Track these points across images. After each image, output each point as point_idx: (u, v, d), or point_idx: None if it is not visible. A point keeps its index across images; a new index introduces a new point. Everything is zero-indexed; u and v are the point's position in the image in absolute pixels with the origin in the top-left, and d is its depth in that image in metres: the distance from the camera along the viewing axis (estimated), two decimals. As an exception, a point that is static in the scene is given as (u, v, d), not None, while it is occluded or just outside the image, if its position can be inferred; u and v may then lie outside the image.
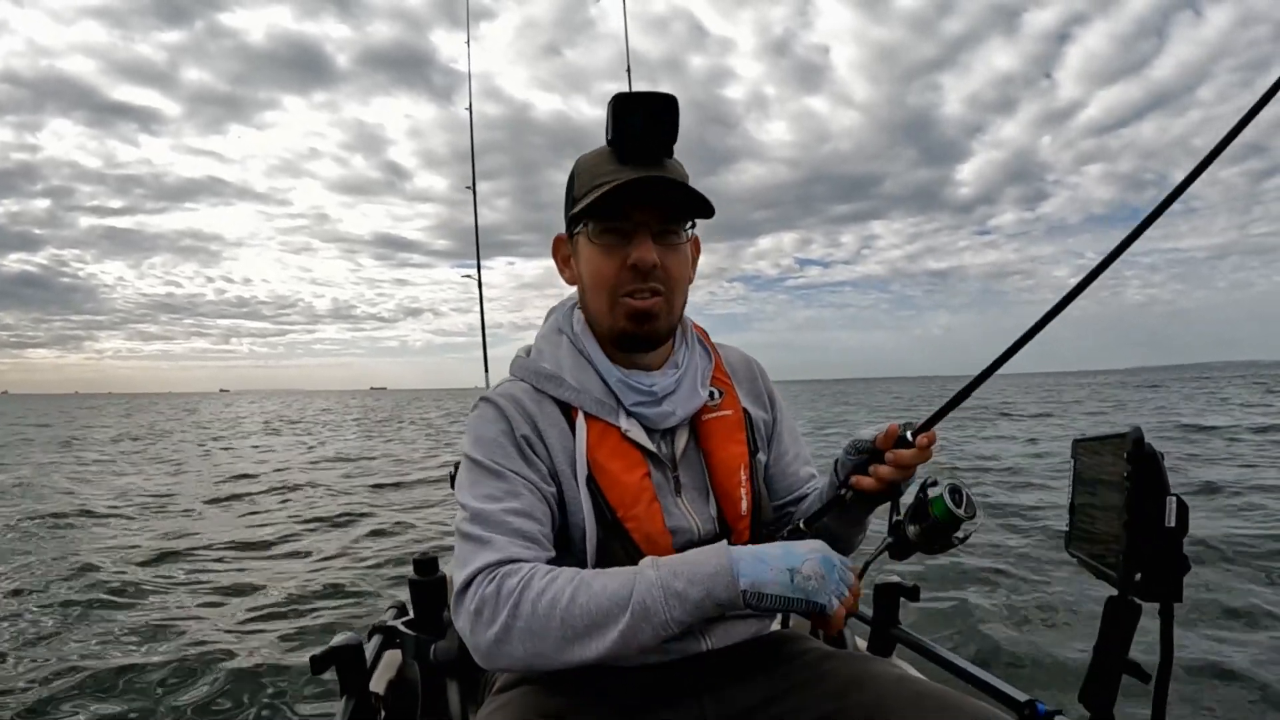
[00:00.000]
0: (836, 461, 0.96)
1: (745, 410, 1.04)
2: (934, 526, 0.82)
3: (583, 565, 0.88)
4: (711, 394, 1.01)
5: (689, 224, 0.95)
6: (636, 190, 0.88)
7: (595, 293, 0.94)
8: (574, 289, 1.04)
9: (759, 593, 0.76)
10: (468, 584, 0.80)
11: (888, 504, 0.91)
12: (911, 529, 0.84)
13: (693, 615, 0.76)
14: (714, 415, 1.00)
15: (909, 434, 0.85)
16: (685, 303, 0.99)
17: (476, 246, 3.28)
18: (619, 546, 0.88)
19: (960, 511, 0.81)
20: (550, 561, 0.85)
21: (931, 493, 0.83)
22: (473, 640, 0.80)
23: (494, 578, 0.79)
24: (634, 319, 0.92)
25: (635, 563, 0.85)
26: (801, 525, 0.95)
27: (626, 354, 0.97)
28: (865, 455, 0.90)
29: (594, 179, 0.91)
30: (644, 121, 0.89)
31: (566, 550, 0.92)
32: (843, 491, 0.90)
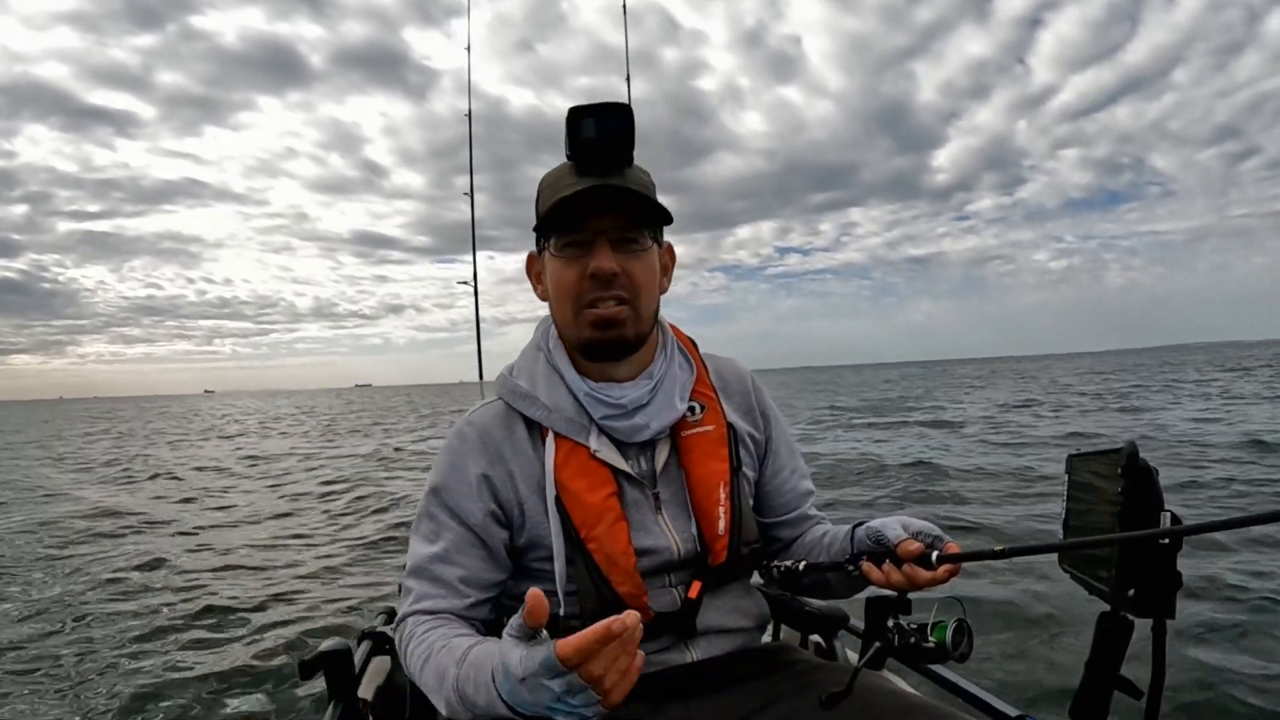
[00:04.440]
0: (854, 529, 0.95)
1: (731, 425, 1.02)
2: (925, 647, 0.80)
3: (553, 588, 0.90)
4: (692, 408, 0.99)
5: (654, 230, 0.95)
6: (591, 200, 0.89)
7: (561, 304, 0.95)
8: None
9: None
10: (398, 624, 0.94)
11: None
12: (900, 637, 0.82)
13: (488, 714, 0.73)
14: (694, 431, 0.98)
15: (933, 556, 0.81)
16: (656, 310, 0.98)
17: (473, 252, 3.30)
18: (584, 567, 0.90)
19: (955, 650, 0.79)
20: (491, 597, 0.94)
21: (941, 617, 0.81)
22: None
23: (401, 626, 0.92)
24: (598, 326, 0.92)
25: (598, 587, 0.89)
26: (800, 569, 0.94)
27: (597, 365, 0.96)
28: (883, 550, 0.86)
29: (554, 194, 0.92)
30: (597, 132, 0.90)
31: (527, 574, 0.95)
32: (850, 569, 0.89)
